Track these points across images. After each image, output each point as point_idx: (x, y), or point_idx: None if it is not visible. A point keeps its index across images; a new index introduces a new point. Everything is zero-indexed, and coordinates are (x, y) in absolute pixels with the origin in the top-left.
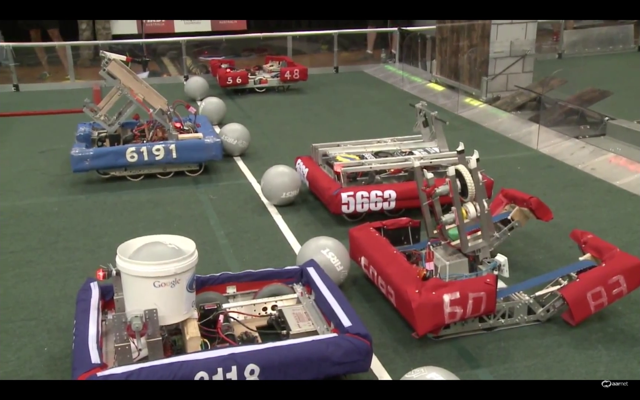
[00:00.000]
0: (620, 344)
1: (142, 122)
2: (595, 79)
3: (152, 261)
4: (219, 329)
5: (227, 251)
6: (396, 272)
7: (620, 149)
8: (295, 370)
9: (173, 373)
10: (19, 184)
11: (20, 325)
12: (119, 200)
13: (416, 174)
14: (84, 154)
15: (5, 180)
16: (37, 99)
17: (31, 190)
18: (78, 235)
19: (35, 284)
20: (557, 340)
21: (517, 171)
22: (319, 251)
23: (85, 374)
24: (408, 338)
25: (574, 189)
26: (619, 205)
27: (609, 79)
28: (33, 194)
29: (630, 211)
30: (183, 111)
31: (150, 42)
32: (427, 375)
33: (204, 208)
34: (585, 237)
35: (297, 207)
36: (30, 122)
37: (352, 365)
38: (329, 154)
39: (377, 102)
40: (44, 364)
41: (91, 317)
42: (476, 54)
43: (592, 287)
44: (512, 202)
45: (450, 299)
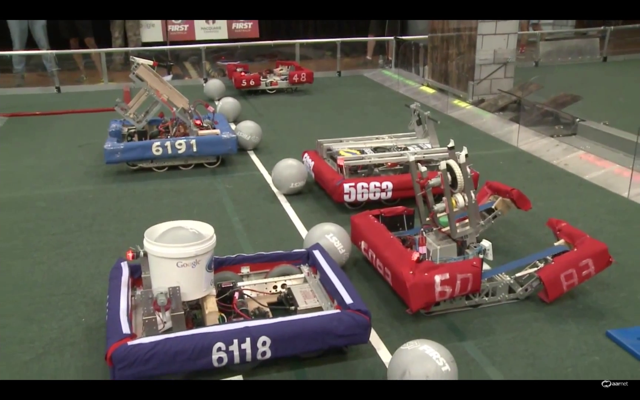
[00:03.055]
0: (588, 318)
1: (166, 119)
2: (567, 85)
3: (175, 244)
4: (234, 305)
5: (241, 235)
6: (392, 255)
7: (589, 147)
8: (302, 342)
9: (194, 343)
10: (60, 174)
11: (62, 298)
12: (145, 189)
13: (411, 167)
14: (116, 147)
15: (49, 171)
16: (75, 99)
17: (70, 180)
18: (110, 220)
19: (73, 262)
20: (534, 316)
21: (499, 166)
22: (323, 236)
23: (117, 343)
24: (402, 314)
25: (550, 182)
26: (588, 197)
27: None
28: (72, 183)
29: (597, 202)
30: (202, 110)
31: (173, 48)
32: (420, 347)
33: (221, 196)
34: (559, 224)
35: (304, 196)
36: (69, 119)
37: (353, 338)
38: (333, 148)
39: (375, 103)
40: (82, 332)
41: (122, 293)
42: (463, 60)
43: (565, 269)
44: (496, 193)
45: (441, 279)
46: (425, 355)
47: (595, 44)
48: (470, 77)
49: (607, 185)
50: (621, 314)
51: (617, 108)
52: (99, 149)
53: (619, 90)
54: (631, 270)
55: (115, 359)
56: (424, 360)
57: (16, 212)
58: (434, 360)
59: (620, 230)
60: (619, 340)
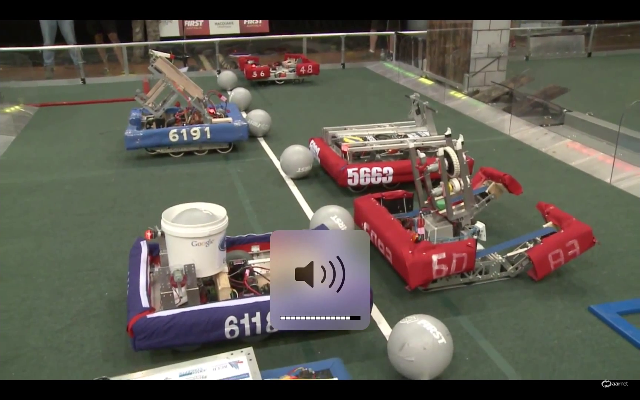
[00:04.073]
0: (572, 295)
1: (182, 108)
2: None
3: (190, 224)
4: (245, 281)
5: (252, 216)
6: (393, 235)
7: (575, 136)
8: None
9: (208, 316)
10: (85, 159)
11: (87, 273)
12: (163, 173)
13: (411, 153)
14: (135, 134)
15: (75, 157)
16: (99, 90)
17: (94, 165)
18: (130, 202)
19: (97, 241)
20: (523, 293)
21: (493, 153)
22: (328, 217)
23: (138, 316)
24: (402, 290)
25: (539, 168)
26: (574, 182)
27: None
28: (95, 168)
29: (583, 187)
30: (216, 99)
31: (189, 42)
32: (418, 321)
33: (233, 180)
34: (547, 208)
35: (310, 180)
36: (93, 109)
37: None
38: (337, 135)
39: (377, 93)
40: (105, 305)
41: (141, 270)
42: (459, 54)
43: (553, 249)
44: (489, 178)
45: (438, 258)
46: (423, 328)
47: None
48: (466, 69)
49: (592, 171)
50: (602, 290)
51: (601, 100)
52: (120, 136)
53: (603, 84)
54: (612, 250)
55: (136, 330)
56: (422, 334)
57: (46, 194)
58: (430, 334)
59: (603, 213)
60: (600, 315)
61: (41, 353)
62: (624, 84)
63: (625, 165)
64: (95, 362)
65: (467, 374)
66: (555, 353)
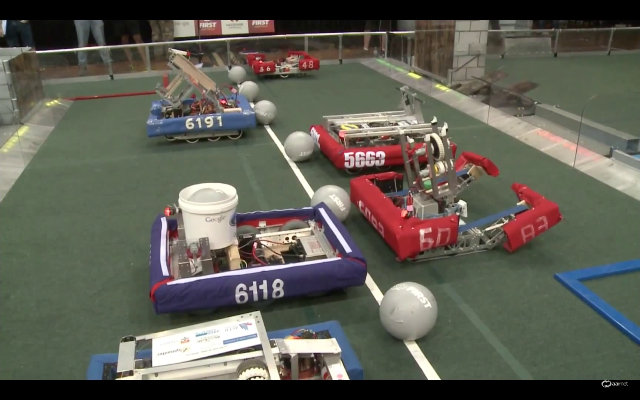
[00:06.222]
0: (541, 264)
1: (197, 100)
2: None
3: (204, 202)
4: (253, 253)
5: (259, 195)
6: (385, 212)
7: (544, 125)
8: (310, 284)
9: (220, 284)
10: (112, 145)
11: (115, 246)
12: (180, 157)
13: (401, 139)
14: (156, 123)
15: (104, 143)
16: (125, 85)
17: (120, 150)
18: (151, 183)
19: (123, 217)
20: (499, 263)
21: (473, 139)
22: (327, 196)
23: (159, 283)
24: (393, 261)
25: (513, 153)
26: (544, 166)
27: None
28: (121, 153)
29: (551, 170)
30: (227, 92)
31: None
32: (407, 288)
33: (242, 163)
34: (521, 188)
35: (311, 163)
36: (120, 101)
37: (352, 280)
38: (335, 123)
39: (370, 86)
40: (131, 274)
41: (162, 243)
42: (444, 52)
43: (525, 225)
44: (470, 162)
45: (425, 232)
46: (411, 294)
47: (548, 43)
48: (449, 65)
49: (558, 156)
50: (566, 260)
51: (566, 94)
52: (143, 125)
53: (567, 80)
54: (575, 225)
55: (158, 296)
56: (410, 299)
57: (79, 177)
58: (418, 299)
59: (567, 193)
60: (564, 281)
61: (78, 314)
62: (585, 81)
63: (586, 151)
64: (123, 323)
65: (449, 333)
66: (525, 314)
